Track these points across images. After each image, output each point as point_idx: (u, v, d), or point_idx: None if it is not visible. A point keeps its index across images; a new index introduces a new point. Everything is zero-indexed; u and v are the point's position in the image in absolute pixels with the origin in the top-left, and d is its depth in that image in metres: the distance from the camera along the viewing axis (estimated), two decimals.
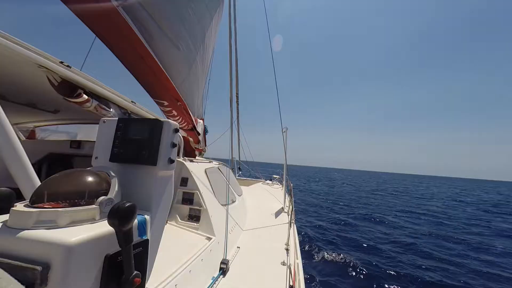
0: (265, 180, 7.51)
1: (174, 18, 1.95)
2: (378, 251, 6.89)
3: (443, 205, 18.84)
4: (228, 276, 1.71)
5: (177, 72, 2.16)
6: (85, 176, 0.77)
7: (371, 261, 6.03)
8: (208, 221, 1.94)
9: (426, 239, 8.62)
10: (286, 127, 5.03)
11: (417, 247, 7.49)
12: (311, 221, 9.88)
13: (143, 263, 0.79)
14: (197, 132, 3.04)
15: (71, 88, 1.40)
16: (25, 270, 0.53)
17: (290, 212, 3.34)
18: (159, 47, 1.76)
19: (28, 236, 0.57)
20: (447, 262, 6.44)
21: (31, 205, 0.65)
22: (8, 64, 1.24)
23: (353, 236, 8.22)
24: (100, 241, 0.64)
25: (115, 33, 1.41)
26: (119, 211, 0.60)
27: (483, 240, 8.96)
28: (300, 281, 1.91)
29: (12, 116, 2.40)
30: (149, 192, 0.93)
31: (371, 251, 6.92)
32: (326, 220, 10.40)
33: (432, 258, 6.70)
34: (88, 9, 1.20)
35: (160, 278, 1.14)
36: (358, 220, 10.89)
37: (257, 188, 5.97)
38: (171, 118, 2.36)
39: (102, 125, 1.06)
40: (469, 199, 25.33)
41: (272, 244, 2.49)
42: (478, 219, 13.33)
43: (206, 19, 2.60)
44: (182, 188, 2.12)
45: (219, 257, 1.80)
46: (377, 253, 6.78)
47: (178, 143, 1.08)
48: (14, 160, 0.91)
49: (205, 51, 2.82)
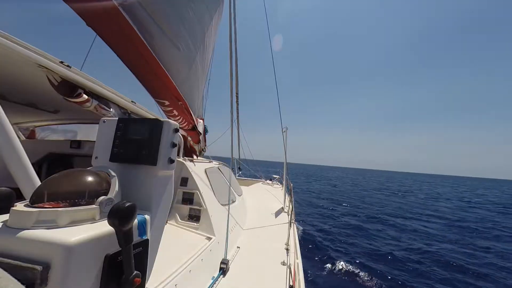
0: (265, 180, 7.51)
1: (174, 18, 1.95)
2: (388, 259, 6.31)
3: (453, 206, 18.10)
4: (228, 276, 1.71)
5: (177, 71, 2.16)
6: (85, 176, 0.77)
7: (378, 269, 5.58)
8: (208, 221, 1.95)
9: (444, 245, 7.79)
10: (286, 127, 5.03)
11: (434, 255, 6.66)
12: (312, 222, 9.87)
13: (143, 263, 0.79)
14: (198, 131, 3.04)
15: (71, 88, 1.40)
16: (25, 270, 0.53)
17: (290, 212, 3.34)
18: (159, 47, 1.76)
19: (28, 236, 0.57)
20: (470, 272, 5.76)
21: (31, 205, 0.65)
22: (8, 64, 1.24)
23: (358, 240, 7.73)
24: (100, 241, 0.64)
25: (116, 32, 1.41)
26: (119, 211, 0.60)
27: (507, 247, 8.11)
28: (300, 281, 1.91)
29: (12, 116, 2.40)
30: (149, 192, 0.93)
31: (379, 257, 6.40)
32: (329, 221, 10.23)
33: (452, 268, 5.97)
34: (89, 8, 1.20)
35: (160, 278, 1.14)
36: (364, 222, 10.49)
37: (257, 188, 5.97)
38: (172, 118, 2.36)
39: (102, 125, 1.06)
40: (476, 199, 24.70)
41: (272, 244, 2.49)
42: (492, 221, 12.54)
43: (206, 19, 2.61)
44: (182, 188, 2.12)
45: (219, 257, 1.80)
46: (388, 261, 6.17)
47: (178, 143, 1.08)
48: (14, 160, 0.91)
49: (205, 51, 2.82)
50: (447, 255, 6.81)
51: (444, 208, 16.59)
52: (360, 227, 9.45)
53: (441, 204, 18.85)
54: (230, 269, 1.80)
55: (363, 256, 6.35)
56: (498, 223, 12.38)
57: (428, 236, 8.83)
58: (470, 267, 6.12)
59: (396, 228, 9.74)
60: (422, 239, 8.38)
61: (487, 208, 17.99)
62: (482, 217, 13.99)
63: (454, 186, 48.66)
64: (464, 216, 13.89)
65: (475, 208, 17.85)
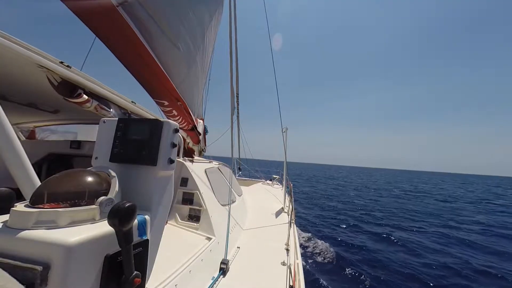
0: (265, 180, 7.52)
1: (174, 18, 1.95)
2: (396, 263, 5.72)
3: (477, 209, 15.21)
4: (228, 276, 1.71)
5: (177, 71, 2.16)
6: (85, 176, 0.77)
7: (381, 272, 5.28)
8: (208, 221, 1.95)
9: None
10: (286, 127, 5.04)
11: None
12: (316, 222, 9.86)
13: (143, 263, 0.79)
14: (197, 132, 3.04)
15: (71, 88, 1.40)
16: (25, 270, 0.53)
17: (290, 212, 3.35)
18: (159, 47, 1.76)
19: (28, 236, 0.57)
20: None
21: (31, 205, 0.65)
22: (8, 64, 1.24)
23: (359, 240, 7.14)
24: (100, 241, 0.64)
25: (114, 32, 1.40)
26: (119, 211, 0.60)
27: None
28: (300, 281, 1.91)
29: (12, 116, 2.41)
30: (149, 192, 0.93)
31: (382, 259, 5.94)
32: (334, 224, 10.09)
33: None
34: (87, 8, 1.20)
35: (160, 278, 1.14)
36: (374, 235, 8.35)
37: (257, 188, 5.98)
38: (171, 118, 2.36)
39: (102, 125, 1.06)
40: (501, 201, 20.75)
41: (272, 244, 2.49)
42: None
43: (206, 18, 2.60)
44: (182, 188, 2.12)
45: (219, 257, 1.80)
46: (395, 265, 5.61)
47: (178, 143, 1.08)
48: (14, 160, 0.91)
49: (205, 50, 2.82)
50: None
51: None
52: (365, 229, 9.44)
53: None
54: (230, 269, 1.80)
55: (366, 257, 6.35)
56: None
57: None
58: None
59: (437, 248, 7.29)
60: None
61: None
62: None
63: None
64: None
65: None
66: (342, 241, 7.57)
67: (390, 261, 6.12)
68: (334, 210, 12.67)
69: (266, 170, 8.27)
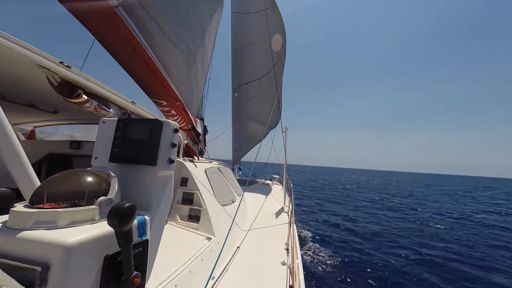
0: (265, 180, 7.52)
1: (174, 18, 1.95)
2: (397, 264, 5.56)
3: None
4: (228, 276, 1.71)
5: (177, 71, 2.16)
6: (85, 177, 0.77)
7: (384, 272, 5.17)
8: (208, 221, 1.95)
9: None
10: (286, 127, 5.04)
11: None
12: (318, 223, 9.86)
13: (143, 263, 0.79)
14: (196, 132, 3.04)
15: (70, 88, 1.40)
16: (25, 271, 0.53)
17: (290, 212, 3.34)
18: (159, 47, 1.76)
19: (28, 237, 0.57)
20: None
21: (31, 206, 0.65)
22: (8, 64, 1.24)
23: (373, 254, 6.30)
24: (99, 241, 0.64)
25: (112, 32, 1.40)
26: (119, 211, 0.60)
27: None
28: (300, 281, 1.91)
29: (12, 116, 2.40)
30: (149, 192, 0.93)
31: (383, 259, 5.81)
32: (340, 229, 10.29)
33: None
34: (84, 9, 1.20)
35: (160, 278, 1.14)
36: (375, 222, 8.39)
37: (257, 188, 5.98)
38: (170, 118, 2.36)
39: (102, 125, 1.06)
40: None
41: (272, 244, 2.49)
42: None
43: (206, 19, 2.60)
44: (182, 188, 2.12)
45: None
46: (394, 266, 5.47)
47: (178, 143, 1.08)
48: (14, 160, 0.91)
49: (205, 50, 2.82)
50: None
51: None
52: (365, 229, 9.44)
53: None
54: (230, 269, 1.80)
55: (366, 256, 6.35)
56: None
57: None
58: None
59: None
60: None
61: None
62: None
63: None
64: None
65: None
66: (342, 241, 7.57)
67: (391, 261, 6.13)
68: (334, 210, 12.67)
69: (266, 169, 8.29)
